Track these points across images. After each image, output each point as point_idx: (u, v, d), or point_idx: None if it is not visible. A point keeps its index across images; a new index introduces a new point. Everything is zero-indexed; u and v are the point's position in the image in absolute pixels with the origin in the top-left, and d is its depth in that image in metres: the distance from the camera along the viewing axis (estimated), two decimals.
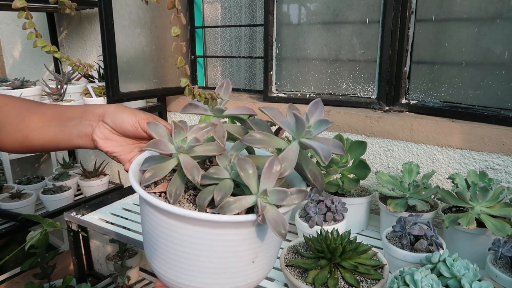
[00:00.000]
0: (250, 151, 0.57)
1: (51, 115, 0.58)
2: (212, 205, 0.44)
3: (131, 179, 0.47)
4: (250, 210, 0.44)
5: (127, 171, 0.51)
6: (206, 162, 0.55)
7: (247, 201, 0.43)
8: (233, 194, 0.45)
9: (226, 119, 0.77)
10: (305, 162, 0.48)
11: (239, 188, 0.47)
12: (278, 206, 0.43)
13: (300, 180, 0.51)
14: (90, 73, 1.84)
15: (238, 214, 0.42)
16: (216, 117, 0.53)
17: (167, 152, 0.47)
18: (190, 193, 0.50)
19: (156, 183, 0.51)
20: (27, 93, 1.68)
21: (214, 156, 0.48)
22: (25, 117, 0.58)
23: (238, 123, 0.60)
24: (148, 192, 0.46)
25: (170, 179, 0.49)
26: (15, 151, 0.61)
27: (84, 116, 0.56)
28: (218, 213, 0.42)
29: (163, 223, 0.44)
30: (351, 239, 0.85)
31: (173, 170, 0.50)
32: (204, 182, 0.45)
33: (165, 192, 0.49)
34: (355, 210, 1.11)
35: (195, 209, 0.46)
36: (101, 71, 1.91)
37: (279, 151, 0.48)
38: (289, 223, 1.16)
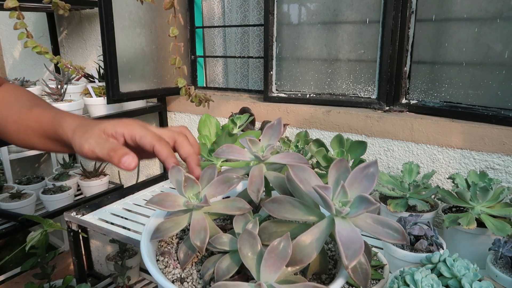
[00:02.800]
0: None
1: (41, 133, 0.57)
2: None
3: (144, 235, 0.42)
4: None
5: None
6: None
7: None
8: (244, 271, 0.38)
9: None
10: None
11: None
12: None
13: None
14: (81, 75, 1.84)
15: None
16: (259, 164, 0.44)
17: (175, 209, 0.42)
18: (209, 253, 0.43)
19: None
20: None
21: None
22: (20, 128, 0.59)
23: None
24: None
25: None
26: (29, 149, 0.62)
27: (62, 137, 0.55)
28: None
29: None
30: None
31: None
32: (212, 248, 0.39)
33: None
34: None
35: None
36: (101, 71, 1.91)
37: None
38: None
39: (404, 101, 1.32)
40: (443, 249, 0.89)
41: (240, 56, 1.74)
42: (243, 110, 1.37)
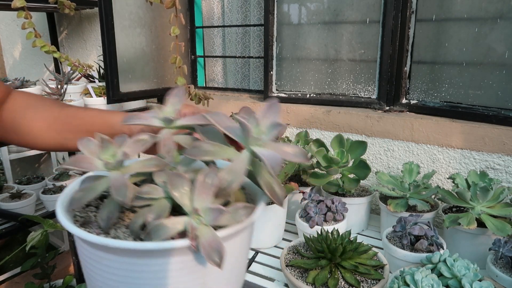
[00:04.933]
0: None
1: (79, 127, 0.59)
2: None
3: (58, 204, 0.41)
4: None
5: None
6: None
7: (178, 222, 0.36)
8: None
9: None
10: (259, 173, 0.41)
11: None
12: (216, 228, 0.36)
13: (262, 193, 0.44)
14: (89, 73, 1.84)
15: (173, 239, 0.36)
16: (168, 128, 0.46)
17: (91, 170, 0.41)
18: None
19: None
20: None
21: None
22: (53, 126, 0.60)
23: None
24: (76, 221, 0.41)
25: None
26: (53, 151, 0.63)
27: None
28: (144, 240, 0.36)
29: (92, 255, 0.38)
30: (352, 239, 0.85)
31: None
32: (138, 204, 0.39)
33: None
34: (355, 210, 1.11)
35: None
36: (101, 71, 1.91)
37: None
38: (290, 223, 1.17)
39: (404, 101, 1.32)
40: (443, 249, 0.89)
41: (240, 56, 1.74)
42: None
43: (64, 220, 0.38)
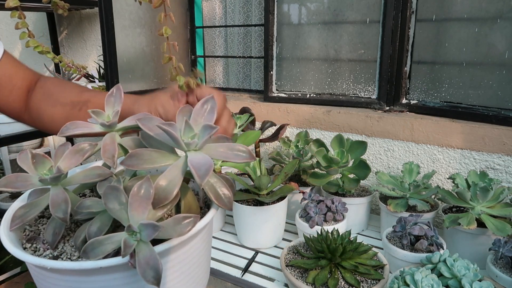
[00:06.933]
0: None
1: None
2: None
3: (3, 221, 0.40)
4: None
5: None
6: None
7: (114, 241, 0.34)
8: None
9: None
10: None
11: None
12: (156, 242, 0.34)
13: None
14: (82, 74, 1.84)
15: (117, 253, 0.34)
16: (110, 132, 0.44)
17: (26, 189, 0.39)
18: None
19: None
20: None
21: None
22: (71, 112, 0.59)
23: None
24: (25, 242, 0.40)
25: None
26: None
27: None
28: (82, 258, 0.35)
29: (39, 274, 0.37)
30: (352, 239, 0.85)
31: None
32: (81, 217, 0.38)
33: None
34: (355, 210, 1.11)
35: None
36: (101, 71, 1.91)
37: None
38: (290, 223, 1.17)
39: (404, 101, 1.32)
40: (443, 249, 0.89)
41: (240, 56, 1.74)
42: (243, 110, 1.37)
43: (5, 240, 0.37)
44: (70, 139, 2.02)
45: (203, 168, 0.34)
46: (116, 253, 0.35)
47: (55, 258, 0.38)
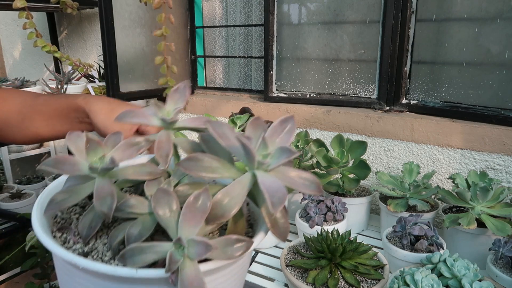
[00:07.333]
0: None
1: (49, 114, 0.58)
2: None
3: (36, 204, 0.37)
4: None
5: None
6: None
7: (158, 251, 0.31)
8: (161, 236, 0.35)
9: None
10: (262, 200, 0.35)
11: None
12: (203, 260, 0.31)
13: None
14: (90, 73, 1.84)
15: (153, 265, 0.31)
16: (167, 129, 0.41)
17: (73, 174, 0.36)
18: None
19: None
20: None
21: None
22: (26, 116, 0.58)
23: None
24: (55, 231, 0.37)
25: None
26: (30, 144, 0.62)
27: (78, 110, 0.56)
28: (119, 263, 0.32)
29: (64, 269, 0.34)
30: (352, 239, 0.85)
31: None
32: (120, 216, 0.35)
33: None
34: (355, 210, 1.11)
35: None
36: (101, 71, 1.91)
37: None
38: (290, 223, 1.16)
39: (404, 101, 1.32)
40: (443, 249, 0.89)
41: (240, 56, 1.74)
42: (243, 110, 1.37)
43: (36, 225, 0.34)
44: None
45: (277, 195, 0.30)
46: (154, 263, 0.32)
47: (85, 254, 0.35)
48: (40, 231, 0.33)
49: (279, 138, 0.35)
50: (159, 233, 0.34)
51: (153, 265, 0.31)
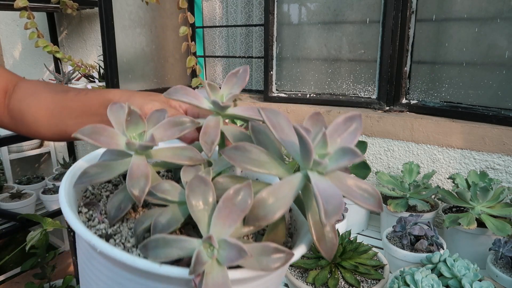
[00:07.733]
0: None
1: (79, 110, 0.55)
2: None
3: (66, 176, 0.34)
4: None
5: None
6: None
7: (184, 247, 0.27)
8: (190, 228, 0.31)
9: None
10: (310, 206, 0.30)
11: None
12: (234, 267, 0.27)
13: (307, 230, 0.32)
14: (91, 73, 1.84)
15: (177, 262, 0.28)
16: (216, 115, 0.37)
17: (109, 146, 0.32)
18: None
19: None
20: None
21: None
22: (54, 112, 0.56)
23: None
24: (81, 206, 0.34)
25: None
26: (59, 141, 0.59)
27: (99, 111, 0.53)
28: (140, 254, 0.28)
29: (85, 249, 0.31)
30: (352, 239, 0.85)
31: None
32: (151, 201, 0.31)
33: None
34: (355, 210, 1.11)
35: None
36: (101, 71, 1.91)
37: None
38: None
39: (404, 101, 1.32)
40: (443, 249, 0.89)
41: (240, 56, 1.74)
42: None
43: (63, 197, 0.32)
44: (71, 144, 2.02)
45: (333, 202, 0.26)
46: (177, 260, 0.28)
47: (108, 237, 0.32)
48: (65, 203, 0.31)
49: (340, 138, 0.30)
50: (190, 226, 0.31)
51: (176, 262, 0.28)
